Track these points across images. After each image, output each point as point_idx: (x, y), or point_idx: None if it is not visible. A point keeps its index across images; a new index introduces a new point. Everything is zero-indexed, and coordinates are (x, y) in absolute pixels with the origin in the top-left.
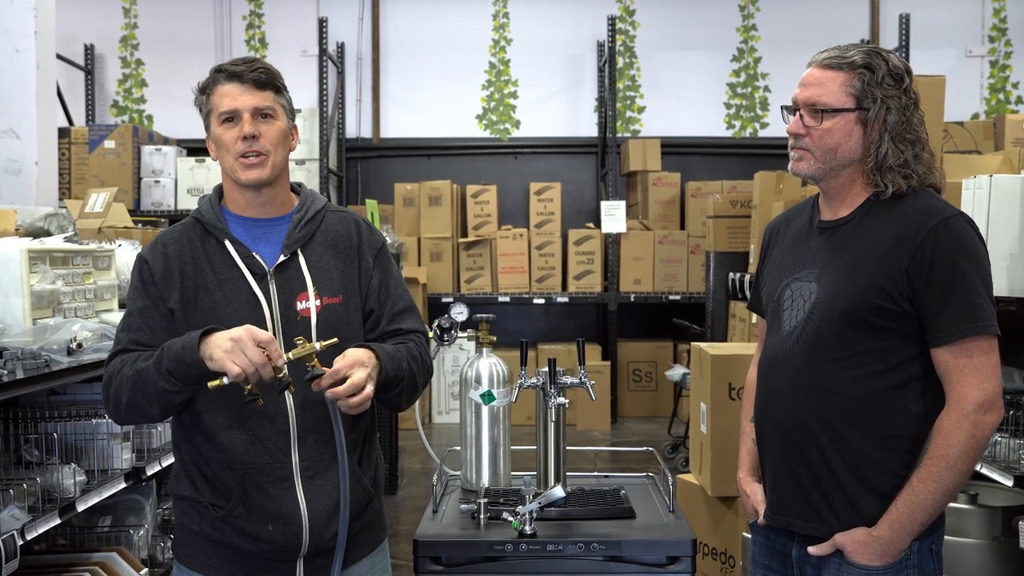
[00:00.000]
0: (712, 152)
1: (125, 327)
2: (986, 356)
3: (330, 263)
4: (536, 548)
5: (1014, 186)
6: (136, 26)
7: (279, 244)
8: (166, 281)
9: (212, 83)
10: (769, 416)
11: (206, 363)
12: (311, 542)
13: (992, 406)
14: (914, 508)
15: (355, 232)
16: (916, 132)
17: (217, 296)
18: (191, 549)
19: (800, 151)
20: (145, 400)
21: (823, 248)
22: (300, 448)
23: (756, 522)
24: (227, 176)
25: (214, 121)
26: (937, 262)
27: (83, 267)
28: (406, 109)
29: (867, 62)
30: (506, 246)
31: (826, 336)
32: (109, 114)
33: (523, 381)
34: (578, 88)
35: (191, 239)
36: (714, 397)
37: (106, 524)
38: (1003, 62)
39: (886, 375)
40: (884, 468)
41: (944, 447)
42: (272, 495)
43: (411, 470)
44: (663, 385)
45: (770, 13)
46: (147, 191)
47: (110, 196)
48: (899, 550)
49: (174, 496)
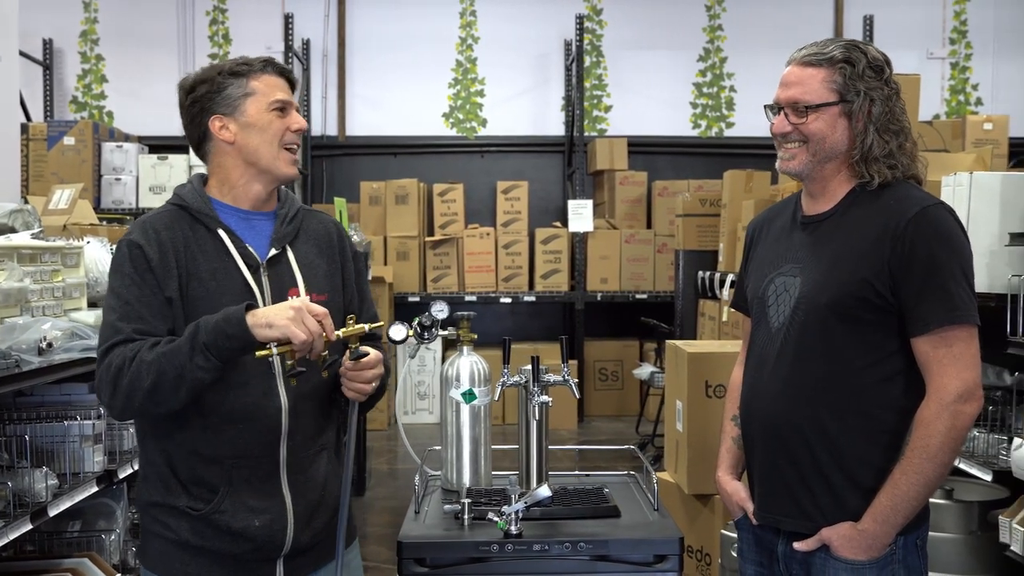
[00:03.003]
0: (678, 151)
1: (123, 316)
2: (965, 346)
3: (315, 261)
4: (522, 548)
5: (994, 183)
6: (96, 20)
7: (266, 238)
8: (163, 268)
9: (257, 70)
10: (756, 414)
11: (259, 332)
12: (294, 538)
13: (971, 396)
14: (897, 501)
15: (335, 234)
16: (900, 122)
17: (211, 286)
18: (167, 558)
19: (790, 149)
20: (172, 383)
21: (806, 242)
22: (288, 442)
23: (742, 519)
24: (248, 164)
25: (257, 105)
26: (916, 252)
27: (51, 264)
28: (372, 107)
29: (847, 56)
30: (473, 245)
31: (811, 331)
32: (68, 110)
33: (505, 379)
34: (545, 87)
35: (181, 226)
36: (690, 395)
37: (76, 529)
38: (963, 64)
39: (872, 369)
40: (869, 462)
41: (924, 438)
42: (258, 489)
43: (378, 471)
44: (630, 384)
45: (736, 14)
46: (108, 188)
47: (75, 192)
48: (884, 543)
49: (143, 503)
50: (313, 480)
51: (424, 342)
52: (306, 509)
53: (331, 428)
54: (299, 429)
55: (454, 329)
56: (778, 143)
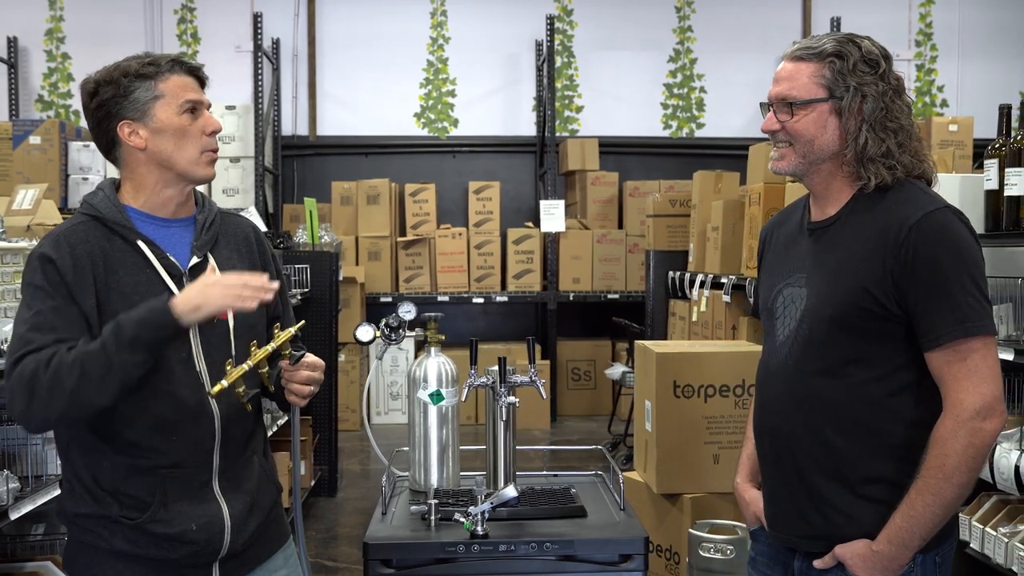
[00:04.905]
0: (649, 152)
1: (35, 327)
2: (981, 358)
3: (237, 266)
4: (488, 549)
5: (953, 185)
6: (62, 19)
7: (186, 246)
8: (79, 282)
9: (165, 70)
10: (765, 429)
11: (190, 317)
12: (231, 542)
13: (991, 412)
14: (913, 522)
15: (254, 238)
16: (898, 120)
17: (134, 300)
18: (101, 568)
19: (780, 149)
20: (98, 382)
21: (811, 250)
22: (222, 450)
23: (757, 530)
24: (163, 169)
25: (166, 108)
26: (920, 260)
27: (13, 265)
28: (343, 107)
29: (838, 50)
30: (445, 245)
31: (817, 344)
32: (34, 109)
33: (472, 380)
34: (516, 87)
35: (96, 238)
36: (659, 395)
37: (39, 532)
38: (929, 66)
39: (879, 383)
40: (879, 478)
41: (940, 457)
42: (193, 497)
43: (350, 471)
44: (602, 384)
45: (705, 15)
46: (75, 188)
47: (39, 193)
48: (901, 564)
49: (70, 515)
50: (246, 484)
51: (391, 343)
52: (240, 513)
53: (260, 432)
54: (231, 438)
55: (421, 330)
56: (771, 142)
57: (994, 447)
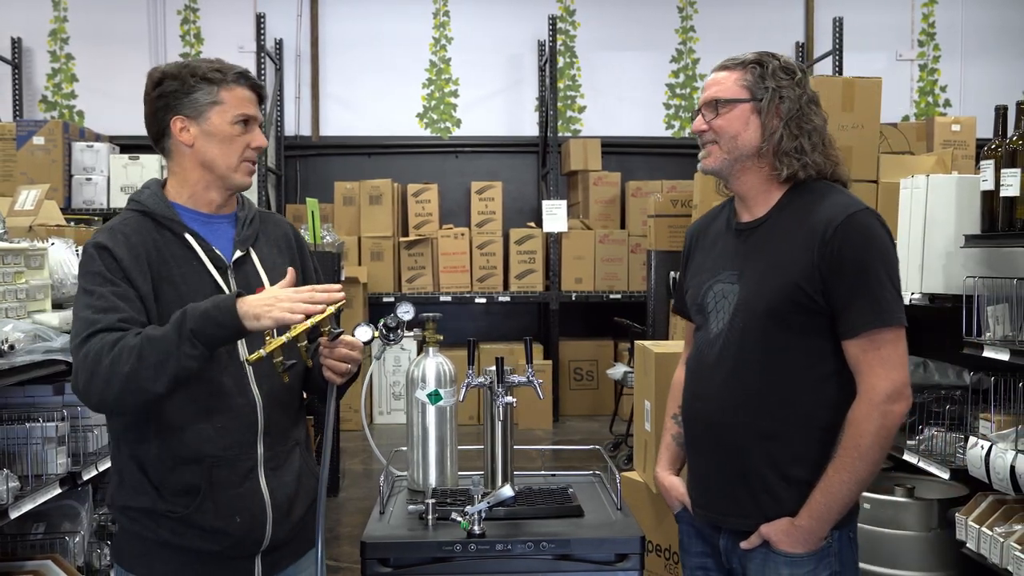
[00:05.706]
0: (652, 152)
1: (99, 309)
2: (893, 347)
3: (277, 262)
4: (485, 548)
5: (950, 185)
6: (66, 19)
7: (228, 241)
8: (136, 269)
9: (230, 81)
10: (697, 416)
11: (248, 323)
12: (273, 533)
13: (900, 395)
14: (831, 498)
15: (292, 235)
16: (812, 122)
17: (183, 290)
18: (146, 558)
19: (707, 147)
20: (153, 370)
21: (741, 250)
22: (265, 438)
23: (681, 512)
24: (205, 170)
25: (222, 116)
26: (844, 257)
27: (15, 266)
28: (346, 107)
29: (758, 59)
30: (447, 245)
31: (751, 337)
32: (38, 109)
33: (470, 380)
34: (519, 87)
35: (147, 230)
36: (658, 395)
37: (40, 531)
38: (932, 66)
39: (810, 371)
40: (805, 458)
41: (856, 437)
42: (238, 487)
43: (352, 471)
44: (604, 384)
45: (708, 15)
46: (78, 189)
47: (41, 193)
48: (820, 537)
49: (120, 507)
50: (289, 475)
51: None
52: (283, 504)
53: (302, 424)
54: (274, 425)
55: (420, 330)
56: (699, 143)
57: (990, 448)
